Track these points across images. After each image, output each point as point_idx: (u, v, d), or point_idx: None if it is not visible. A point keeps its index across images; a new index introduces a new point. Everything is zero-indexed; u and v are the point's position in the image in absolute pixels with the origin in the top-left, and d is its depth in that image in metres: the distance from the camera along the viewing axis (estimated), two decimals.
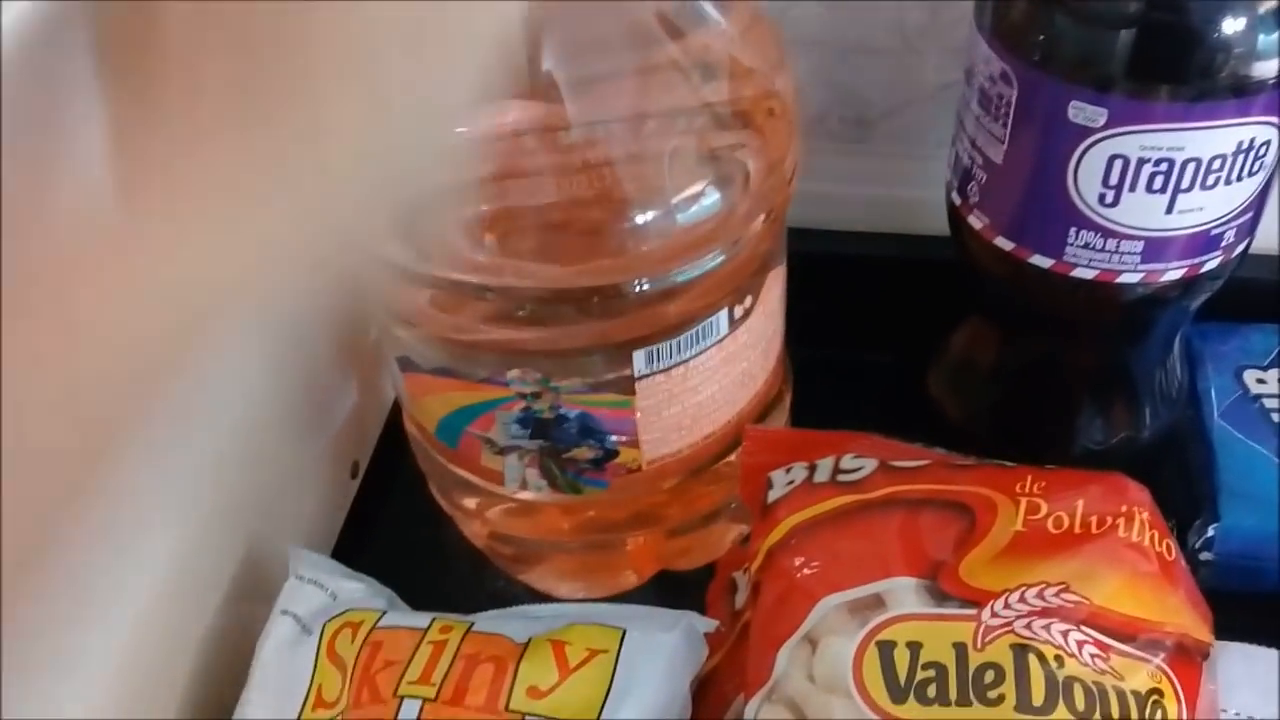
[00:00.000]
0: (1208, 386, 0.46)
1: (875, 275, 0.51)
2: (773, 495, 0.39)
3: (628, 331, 0.36)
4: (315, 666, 0.37)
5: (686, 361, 0.37)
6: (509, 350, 0.36)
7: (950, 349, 0.46)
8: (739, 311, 0.37)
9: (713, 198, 0.35)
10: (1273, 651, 0.38)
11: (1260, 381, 0.46)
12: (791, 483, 0.39)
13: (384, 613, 0.37)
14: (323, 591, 0.39)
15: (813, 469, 0.39)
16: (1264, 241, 0.40)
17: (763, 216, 0.37)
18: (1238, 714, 0.37)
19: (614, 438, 0.38)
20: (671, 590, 0.45)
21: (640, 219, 0.34)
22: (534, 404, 0.37)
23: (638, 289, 0.35)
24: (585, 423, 0.37)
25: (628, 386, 0.36)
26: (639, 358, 0.36)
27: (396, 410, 0.52)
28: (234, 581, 0.40)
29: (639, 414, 0.37)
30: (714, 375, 0.38)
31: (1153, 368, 0.43)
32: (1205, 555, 0.43)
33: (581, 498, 0.41)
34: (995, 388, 0.45)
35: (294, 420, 0.44)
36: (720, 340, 0.37)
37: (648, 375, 0.36)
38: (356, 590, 0.39)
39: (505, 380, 0.36)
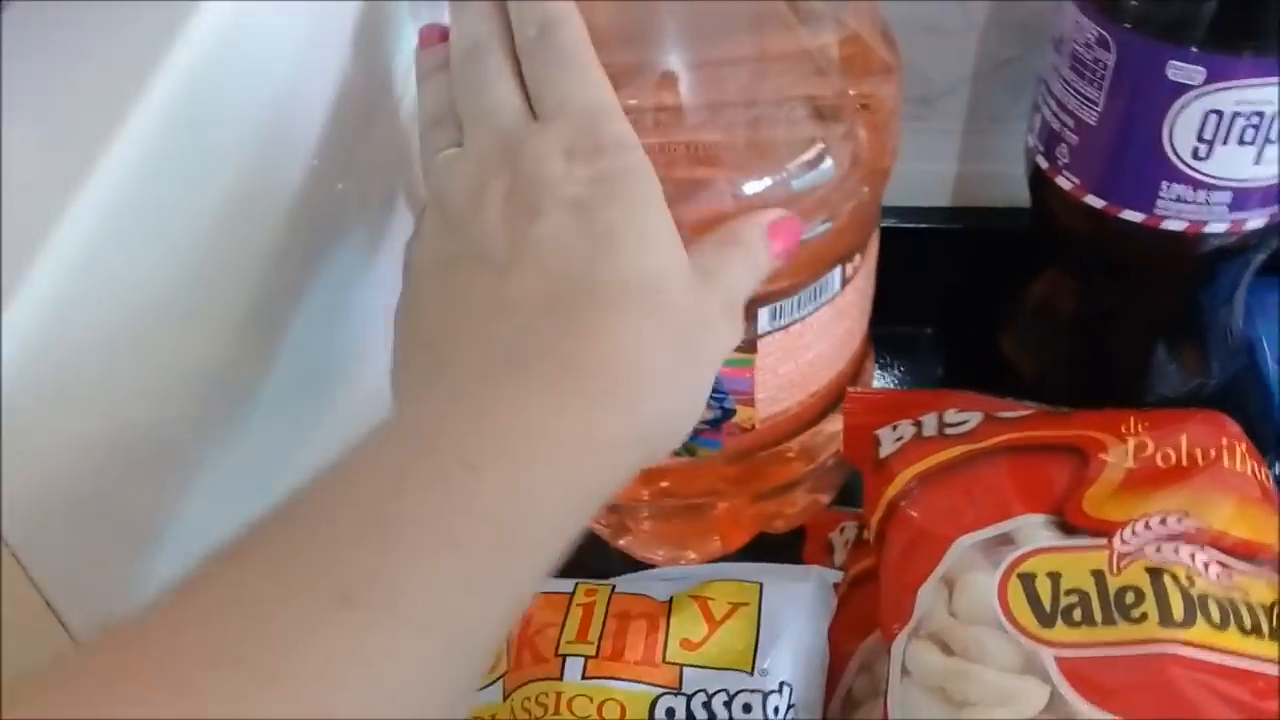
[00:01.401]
0: (1259, 336, 0.49)
1: (942, 249, 0.53)
2: (884, 451, 0.41)
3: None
4: None
5: (803, 319, 0.39)
6: None
7: (1022, 310, 0.48)
8: (849, 270, 0.40)
9: (826, 165, 0.37)
10: None
11: None
12: (900, 439, 0.41)
13: None
14: None
15: (919, 425, 0.41)
16: None
17: (866, 189, 0.39)
18: None
19: (732, 397, 0.40)
20: (764, 557, 0.47)
21: (755, 185, 0.36)
22: None
23: None
24: None
25: (750, 345, 0.38)
26: (763, 315, 0.38)
27: None
28: None
29: (758, 372, 0.39)
30: (825, 333, 0.40)
31: (1220, 319, 0.45)
32: None
33: (659, 468, 0.43)
34: (1069, 343, 0.47)
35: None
36: (833, 298, 0.39)
37: (769, 333, 0.38)
38: None
39: None
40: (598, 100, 0.30)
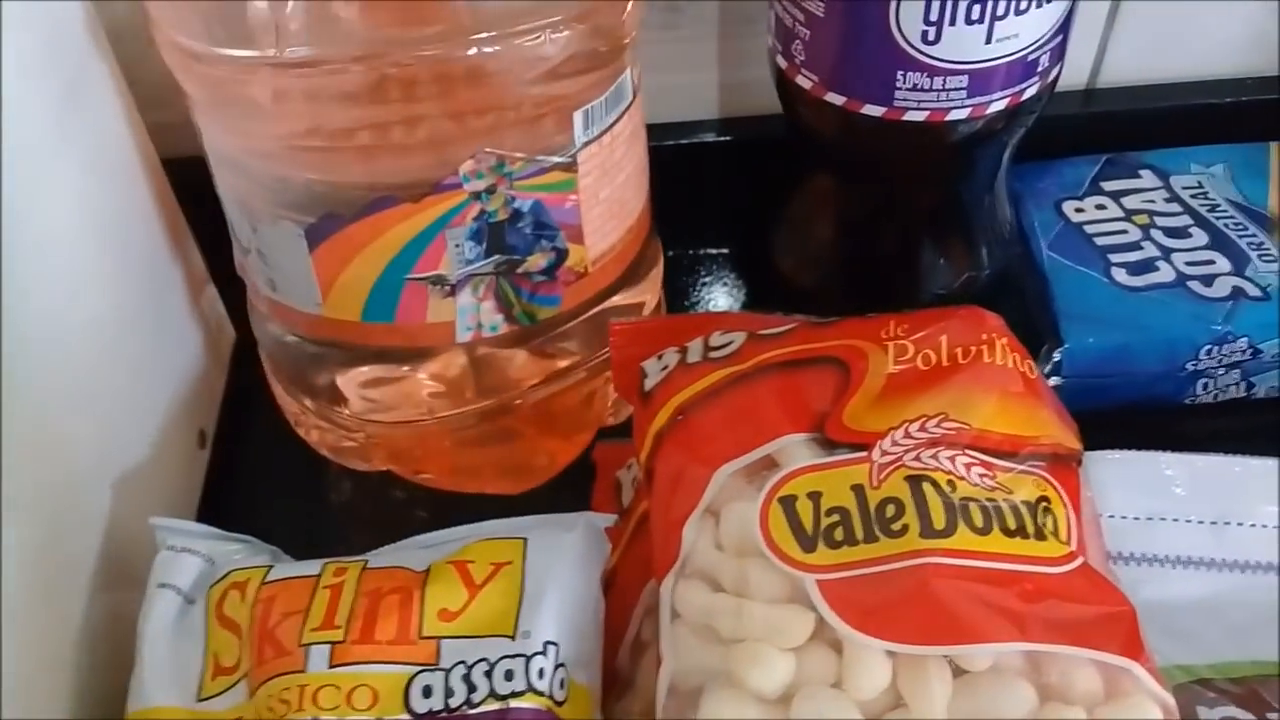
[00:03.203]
0: (1032, 222, 0.48)
1: (717, 163, 0.51)
2: (649, 383, 0.38)
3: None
4: (207, 635, 0.35)
5: (610, 128, 0.38)
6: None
7: (791, 221, 0.47)
8: (635, 76, 0.39)
9: None
10: (1136, 454, 0.41)
11: (1079, 210, 0.49)
12: (666, 368, 0.38)
13: (270, 567, 0.36)
14: (199, 558, 0.37)
15: (684, 351, 0.39)
16: (1065, 78, 0.42)
17: None
18: (1112, 515, 0.40)
19: (563, 234, 0.39)
20: (559, 501, 0.45)
21: None
22: (488, 204, 0.36)
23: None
24: (538, 216, 0.37)
25: (571, 162, 0.37)
26: (578, 120, 0.36)
27: (237, 372, 0.50)
28: (96, 572, 0.38)
29: (582, 195, 0.38)
30: (630, 151, 0.40)
31: (984, 208, 0.44)
32: (1054, 380, 0.45)
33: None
34: (840, 249, 0.46)
35: (134, 390, 0.42)
36: (629, 108, 0.39)
37: (586, 144, 0.37)
38: (235, 551, 0.38)
39: (458, 179, 0.36)
40: None
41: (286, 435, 0.46)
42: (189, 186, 0.40)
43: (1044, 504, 0.33)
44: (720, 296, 0.53)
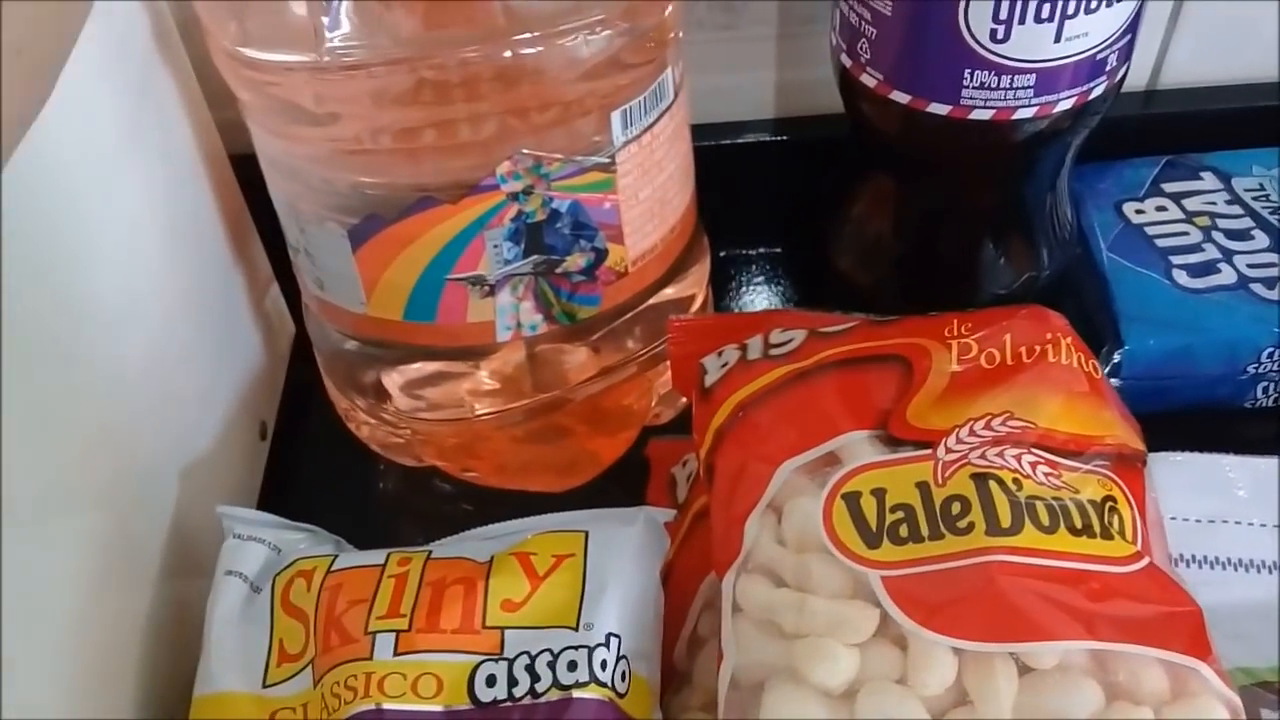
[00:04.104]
0: (1091, 223, 0.48)
1: (772, 163, 0.51)
2: (709, 380, 0.39)
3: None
4: (273, 622, 0.35)
5: (651, 128, 0.38)
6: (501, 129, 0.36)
7: (850, 220, 0.47)
8: (676, 75, 0.39)
9: None
10: (1198, 455, 0.40)
11: (1139, 212, 0.48)
12: (726, 365, 0.39)
13: (335, 556, 0.36)
14: (265, 546, 0.37)
15: (744, 348, 0.39)
16: (1127, 79, 0.42)
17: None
18: (1173, 517, 0.39)
19: (602, 234, 0.38)
20: (603, 497, 0.45)
21: None
22: (525, 205, 0.36)
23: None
24: (576, 217, 0.37)
25: (610, 162, 0.37)
26: (616, 121, 0.36)
27: (296, 367, 0.50)
28: (164, 559, 0.38)
29: (621, 195, 0.38)
30: (671, 150, 0.39)
31: (1045, 209, 0.44)
32: (1114, 382, 0.44)
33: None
34: (899, 248, 0.45)
35: (200, 383, 0.42)
36: (670, 107, 0.38)
37: (625, 144, 0.37)
38: (300, 540, 0.38)
39: (495, 180, 0.36)
40: None
41: (342, 429, 0.46)
42: (257, 183, 0.41)
43: (1110, 504, 0.33)
44: (775, 296, 0.53)
